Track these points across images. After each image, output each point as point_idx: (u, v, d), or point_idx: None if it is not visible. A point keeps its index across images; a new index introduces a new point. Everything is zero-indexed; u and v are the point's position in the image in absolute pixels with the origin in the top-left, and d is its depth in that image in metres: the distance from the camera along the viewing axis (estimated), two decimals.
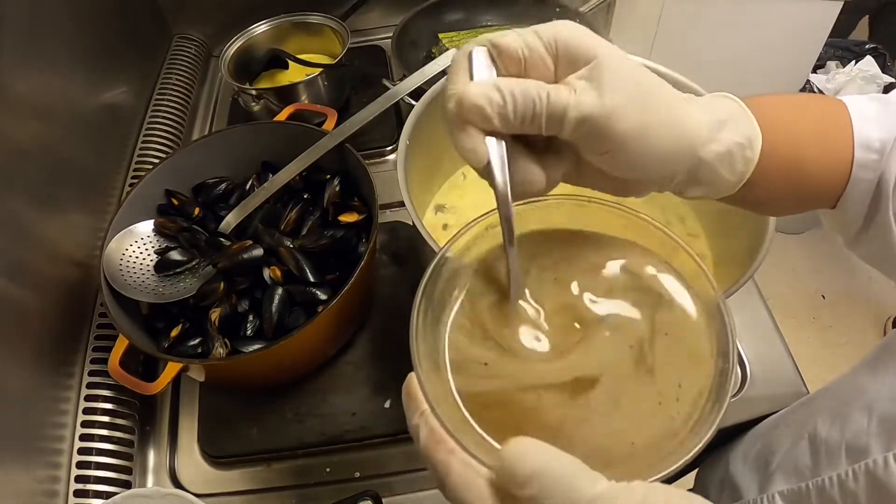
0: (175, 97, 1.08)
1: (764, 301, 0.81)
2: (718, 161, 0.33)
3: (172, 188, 0.78)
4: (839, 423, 0.50)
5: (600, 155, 0.31)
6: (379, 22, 1.26)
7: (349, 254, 0.73)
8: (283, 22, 1.08)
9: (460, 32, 1.13)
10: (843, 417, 0.50)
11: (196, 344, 0.68)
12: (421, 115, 0.66)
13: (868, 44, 1.91)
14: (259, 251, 0.70)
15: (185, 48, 1.20)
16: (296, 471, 0.70)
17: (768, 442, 0.63)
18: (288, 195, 0.78)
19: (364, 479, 0.69)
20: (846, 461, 0.48)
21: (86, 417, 0.68)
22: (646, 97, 0.30)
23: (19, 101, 0.70)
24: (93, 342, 0.73)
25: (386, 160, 1.02)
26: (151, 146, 0.98)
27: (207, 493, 0.68)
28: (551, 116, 0.29)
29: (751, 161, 0.34)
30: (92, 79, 0.89)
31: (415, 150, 0.64)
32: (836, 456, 0.49)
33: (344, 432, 0.71)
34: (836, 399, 0.53)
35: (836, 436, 0.50)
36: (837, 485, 0.47)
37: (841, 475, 0.47)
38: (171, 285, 0.72)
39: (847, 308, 1.98)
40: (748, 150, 0.34)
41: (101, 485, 0.65)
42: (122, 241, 0.72)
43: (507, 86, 0.28)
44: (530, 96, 0.28)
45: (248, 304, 0.70)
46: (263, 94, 0.97)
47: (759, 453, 0.62)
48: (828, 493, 0.48)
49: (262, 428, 0.72)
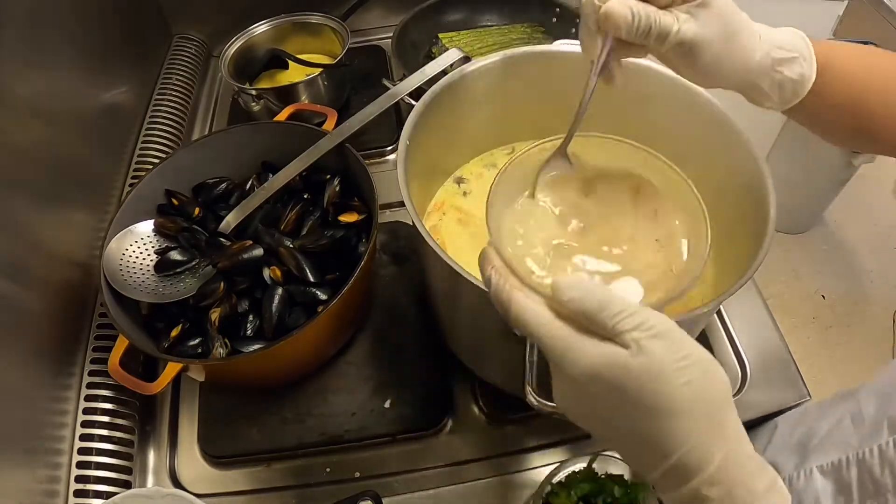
0: (175, 97, 1.08)
1: (764, 301, 0.81)
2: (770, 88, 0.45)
3: (172, 188, 0.78)
4: (884, 402, 0.51)
5: (684, 68, 0.43)
6: (379, 22, 1.26)
7: (349, 254, 0.73)
8: (283, 22, 1.08)
9: (460, 32, 1.13)
10: (888, 397, 0.51)
11: (196, 344, 0.68)
12: (421, 115, 0.66)
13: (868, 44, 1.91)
14: (259, 251, 0.70)
15: (185, 48, 1.20)
16: (296, 471, 0.70)
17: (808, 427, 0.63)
18: (288, 195, 0.78)
19: (364, 479, 0.69)
20: (888, 433, 0.49)
21: (86, 417, 0.68)
22: (729, 35, 0.41)
23: (20, 101, 0.70)
24: (93, 342, 0.73)
25: (386, 160, 1.02)
26: (151, 146, 0.98)
27: (207, 493, 0.68)
28: (659, 35, 0.40)
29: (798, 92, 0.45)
30: (92, 79, 0.90)
31: (415, 150, 0.64)
32: (878, 430, 0.50)
33: (344, 432, 0.71)
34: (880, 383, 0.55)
35: (880, 413, 0.51)
36: (878, 455, 0.48)
37: (882, 445, 0.48)
38: (171, 285, 0.71)
39: (847, 308, 1.98)
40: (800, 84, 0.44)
41: (101, 485, 0.65)
42: (122, 241, 0.72)
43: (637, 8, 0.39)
44: (650, 19, 0.39)
45: (248, 304, 0.70)
46: (263, 94, 0.97)
47: (800, 437, 0.63)
48: (867, 463, 0.49)
49: (262, 428, 0.72)
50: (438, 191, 0.80)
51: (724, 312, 0.80)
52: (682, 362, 0.31)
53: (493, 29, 1.14)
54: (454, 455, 0.70)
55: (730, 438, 0.32)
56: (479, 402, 0.73)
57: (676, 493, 0.32)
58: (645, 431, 0.32)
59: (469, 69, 0.71)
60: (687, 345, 0.32)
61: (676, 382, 0.30)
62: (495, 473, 0.68)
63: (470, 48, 1.07)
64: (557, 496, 0.60)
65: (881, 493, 0.48)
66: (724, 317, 0.80)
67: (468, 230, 0.75)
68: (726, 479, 0.31)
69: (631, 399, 0.31)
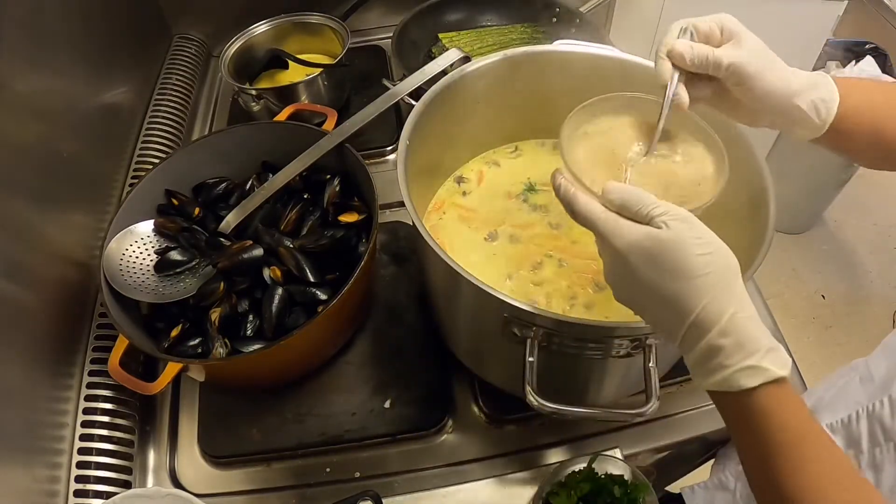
0: (175, 97, 1.08)
1: (764, 301, 0.81)
2: (807, 107, 0.50)
3: (172, 188, 0.78)
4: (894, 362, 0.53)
5: (737, 86, 0.50)
6: (379, 22, 1.26)
7: (349, 254, 0.73)
8: (283, 22, 1.08)
9: (460, 32, 1.13)
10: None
11: (196, 344, 0.68)
12: (421, 115, 0.66)
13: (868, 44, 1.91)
14: (259, 251, 0.70)
15: (185, 48, 1.20)
16: (296, 471, 0.70)
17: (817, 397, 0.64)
18: (288, 195, 0.78)
19: (364, 479, 0.69)
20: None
21: (86, 417, 0.68)
22: (766, 61, 0.49)
23: (20, 101, 0.70)
24: (93, 342, 0.73)
25: (386, 160, 1.02)
26: (151, 146, 0.98)
27: (207, 493, 0.68)
28: (715, 64, 0.49)
29: (830, 112, 0.51)
30: (92, 79, 0.90)
31: (415, 150, 0.64)
32: (889, 384, 0.52)
33: (344, 432, 0.71)
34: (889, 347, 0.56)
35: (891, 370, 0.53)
36: (888, 404, 0.50)
37: (892, 395, 0.50)
38: (171, 285, 0.71)
39: (847, 308, 1.98)
40: (829, 103, 0.50)
41: (101, 485, 0.65)
42: (122, 241, 0.72)
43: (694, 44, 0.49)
44: (704, 53, 0.49)
45: (248, 304, 0.70)
46: (263, 94, 0.97)
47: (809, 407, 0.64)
48: (877, 414, 0.51)
49: (262, 428, 0.72)
50: (439, 190, 0.80)
51: None
52: (699, 239, 0.41)
53: (493, 29, 1.14)
54: (454, 455, 0.70)
55: (739, 299, 0.40)
56: (479, 402, 0.73)
57: (697, 349, 0.40)
58: (671, 293, 0.40)
59: (469, 69, 0.71)
60: (704, 229, 0.42)
61: (695, 252, 0.40)
62: (495, 473, 0.68)
63: (470, 48, 1.07)
64: (557, 496, 0.60)
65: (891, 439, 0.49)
66: None
67: (469, 227, 0.75)
68: (736, 331, 0.39)
69: (660, 264, 0.41)
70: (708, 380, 0.40)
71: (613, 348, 0.54)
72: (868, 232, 2.16)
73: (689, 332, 0.40)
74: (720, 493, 0.70)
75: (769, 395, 0.38)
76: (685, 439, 0.71)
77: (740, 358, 0.38)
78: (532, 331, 0.53)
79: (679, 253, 0.40)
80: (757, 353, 0.38)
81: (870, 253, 2.11)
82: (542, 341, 0.53)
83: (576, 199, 0.46)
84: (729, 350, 0.39)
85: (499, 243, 0.73)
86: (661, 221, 0.41)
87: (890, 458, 0.49)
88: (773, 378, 0.38)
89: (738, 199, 0.63)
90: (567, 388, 0.65)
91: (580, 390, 0.65)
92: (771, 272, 2.05)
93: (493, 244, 0.73)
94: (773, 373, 0.38)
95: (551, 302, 0.67)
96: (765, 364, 0.38)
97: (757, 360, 0.38)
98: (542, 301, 0.67)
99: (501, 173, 0.81)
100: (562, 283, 0.68)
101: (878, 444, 0.51)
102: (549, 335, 0.53)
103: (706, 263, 0.40)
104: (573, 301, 0.67)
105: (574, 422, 0.71)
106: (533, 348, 0.53)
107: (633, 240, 0.42)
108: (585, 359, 0.57)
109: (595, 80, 0.70)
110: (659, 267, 0.41)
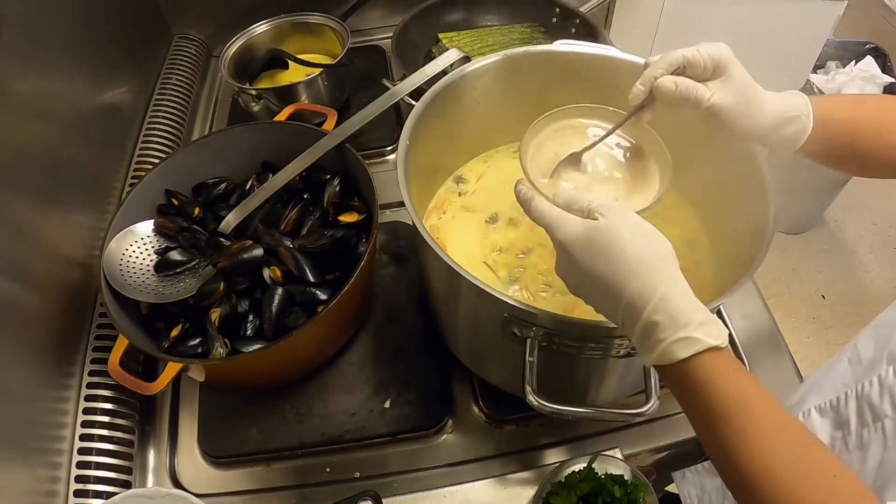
0: (175, 97, 1.08)
1: (764, 301, 0.81)
2: (777, 142, 0.55)
3: (172, 188, 0.78)
4: (881, 342, 0.54)
5: (709, 126, 0.53)
6: (379, 22, 1.26)
7: (349, 254, 0.73)
8: (283, 22, 1.08)
9: (460, 32, 1.13)
10: (885, 338, 0.53)
11: (196, 344, 0.68)
12: (421, 115, 0.66)
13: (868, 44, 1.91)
14: (259, 251, 0.70)
15: (185, 48, 1.20)
16: (296, 471, 0.70)
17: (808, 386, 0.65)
18: (288, 195, 0.78)
19: (364, 479, 0.69)
20: (887, 363, 0.50)
21: (86, 417, 0.68)
22: (748, 102, 0.52)
23: (20, 101, 0.70)
24: (93, 342, 0.73)
25: (386, 160, 1.02)
26: (151, 146, 0.98)
27: (207, 493, 0.68)
28: (695, 103, 0.51)
29: (798, 142, 0.54)
30: (92, 79, 0.90)
31: (415, 150, 0.64)
32: (877, 364, 0.52)
33: (344, 432, 0.71)
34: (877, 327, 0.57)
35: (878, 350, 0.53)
36: (877, 384, 0.50)
37: (881, 375, 0.50)
38: (171, 285, 0.72)
39: (847, 308, 1.98)
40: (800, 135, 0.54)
41: (101, 485, 0.65)
42: (122, 241, 0.72)
43: (680, 81, 0.51)
44: (687, 94, 0.51)
45: (248, 304, 0.70)
46: (263, 94, 0.97)
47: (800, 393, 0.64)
48: (866, 394, 0.51)
49: (262, 428, 0.72)
50: (438, 190, 0.80)
51: (724, 312, 0.80)
52: (632, 226, 0.44)
53: (493, 29, 1.14)
54: (454, 455, 0.70)
55: (669, 280, 0.42)
56: (479, 402, 0.73)
57: (636, 329, 0.42)
58: (608, 277, 0.43)
59: (469, 69, 0.71)
60: (638, 219, 0.45)
61: (626, 238, 0.43)
62: (495, 473, 0.68)
63: (470, 48, 1.07)
64: (557, 496, 0.60)
65: (878, 419, 0.49)
66: (724, 317, 0.80)
67: (470, 224, 0.75)
68: (668, 307, 0.41)
69: (595, 248, 0.44)
70: (649, 356, 0.42)
71: (613, 348, 0.54)
72: (868, 232, 2.16)
73: (627, 313, 0.43)
74: (710, 478, 0.70)
75: (705, 365, 0.40)
76: (685, 439, 0.71)
77: (673, 331, 0.40)
78: (532, 331, 0.53)
79: (611, 237, 0.43)
80: (689, 325, 0.40)
81: (870, 253, 2.11)
82: (541, 341, 0.53)
83: (530, 201, 0.49)
84: (663, 325, 0.41)
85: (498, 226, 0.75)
86: (597, 213, 0.45)
87: (877, 437, 0.49)
88: (707, 347, 0.40)
89: (738, 199, 0.63)
90: (567, 389, 0.65)
91: (580, 390, 0.65)
92: (771, 272, 2.05)
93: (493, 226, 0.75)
94: (705, 342, 0.40)
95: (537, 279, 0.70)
96: (697, 335, 0.40)
97: (689, 332, 0.40)
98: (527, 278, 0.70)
99: (501, 173, 0.81)
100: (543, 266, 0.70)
101: (867, 425, 0.51)
102: (549, 335, 0.53)
103: (637, 248, 0.43)
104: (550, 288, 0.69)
105: (574, 422, 0.71)
106: (533, 348, 0.53)
107: (573, 230, 0.45)
108: (585, 359, 0.57)
109: (595, 79, 0.70)
110: (595, 252, 0.44)
